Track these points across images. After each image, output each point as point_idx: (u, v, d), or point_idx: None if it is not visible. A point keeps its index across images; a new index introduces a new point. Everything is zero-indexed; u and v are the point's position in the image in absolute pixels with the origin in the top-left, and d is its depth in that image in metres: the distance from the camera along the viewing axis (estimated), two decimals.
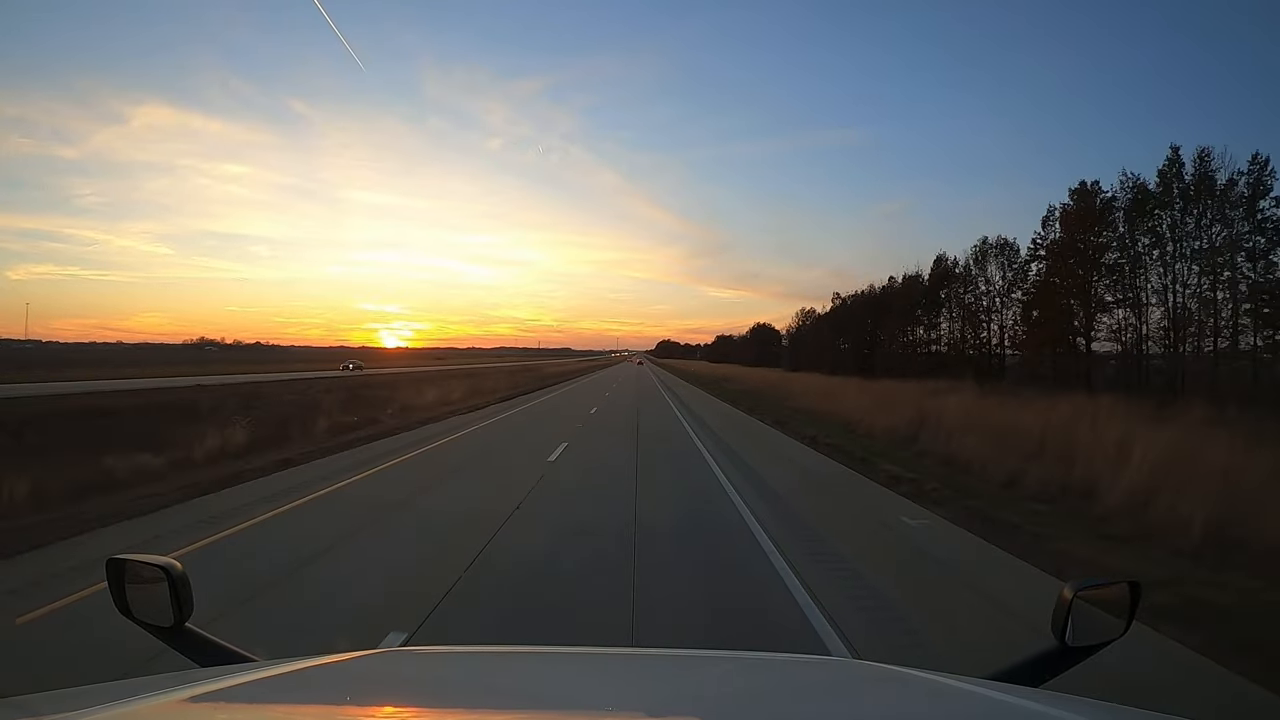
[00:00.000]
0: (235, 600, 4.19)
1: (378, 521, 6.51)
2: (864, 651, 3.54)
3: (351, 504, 7.30)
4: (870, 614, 4.14)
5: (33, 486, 7.05)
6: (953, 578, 5.07)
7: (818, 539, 5.96)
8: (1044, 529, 6.33)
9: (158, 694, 0.96)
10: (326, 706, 1.04)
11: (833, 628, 3.87)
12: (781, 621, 4.01)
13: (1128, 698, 1.21)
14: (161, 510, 6.86)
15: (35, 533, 5.78)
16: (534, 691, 1.18)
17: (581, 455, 11.09)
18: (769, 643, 3.60)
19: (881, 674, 1.40)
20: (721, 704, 1.15)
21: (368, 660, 1.32)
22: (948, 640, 3.79)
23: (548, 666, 1.39)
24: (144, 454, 9.17)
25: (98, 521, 6.24)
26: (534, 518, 6.56)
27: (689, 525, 6.49)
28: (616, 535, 5.83)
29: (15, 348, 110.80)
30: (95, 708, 0.88)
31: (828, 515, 7.02)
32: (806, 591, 4.49)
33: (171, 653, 1.27)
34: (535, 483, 8.39)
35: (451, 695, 1.15)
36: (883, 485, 8.81)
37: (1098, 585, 1.26)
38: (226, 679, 1.05)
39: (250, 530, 6.07)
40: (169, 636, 1.25)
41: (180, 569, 1.24)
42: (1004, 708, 1.04)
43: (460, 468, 10.10)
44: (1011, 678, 1.22)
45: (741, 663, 1.51)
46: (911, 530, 6.46)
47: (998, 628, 4.03)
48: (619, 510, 6.87)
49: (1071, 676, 1.24)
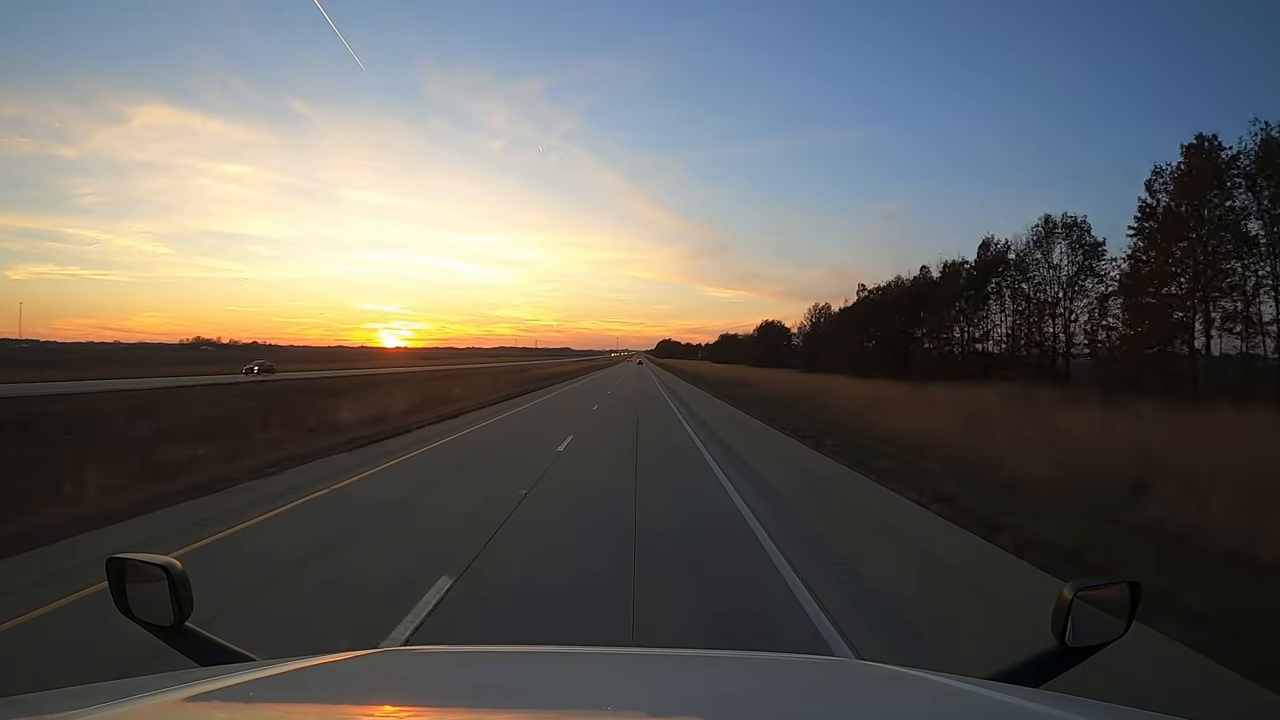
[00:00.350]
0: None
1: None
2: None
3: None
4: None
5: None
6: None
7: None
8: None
9: (157, 693, 0.96)
10: (325, 706, 1.04)
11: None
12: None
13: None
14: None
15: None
16: (534, 691, 1.18)
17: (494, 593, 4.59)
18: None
19: (881, 674, 1.40)
20: (722, 704, 1.15)
21: (366, 660, 1.32)
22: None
23: (547, 666, 1.39)
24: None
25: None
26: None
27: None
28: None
29: (13, 347, 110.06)
30: (95, 707, 0.88)
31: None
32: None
33: (171, 652, 1.27)
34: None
35: (450, 695, 1.15)
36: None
37: (1098, 586, 1.26)
38: (226, 678, 1.05)
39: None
40: (169, 636, 1.25)
41: (180, 568, 1.24)
42: (1004, 708, 1.03)
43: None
44: (1011, 678, 1.22)
45: (742, 663, 1.51)
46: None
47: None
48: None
49: (1071, 677, 1.24)
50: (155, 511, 6.94)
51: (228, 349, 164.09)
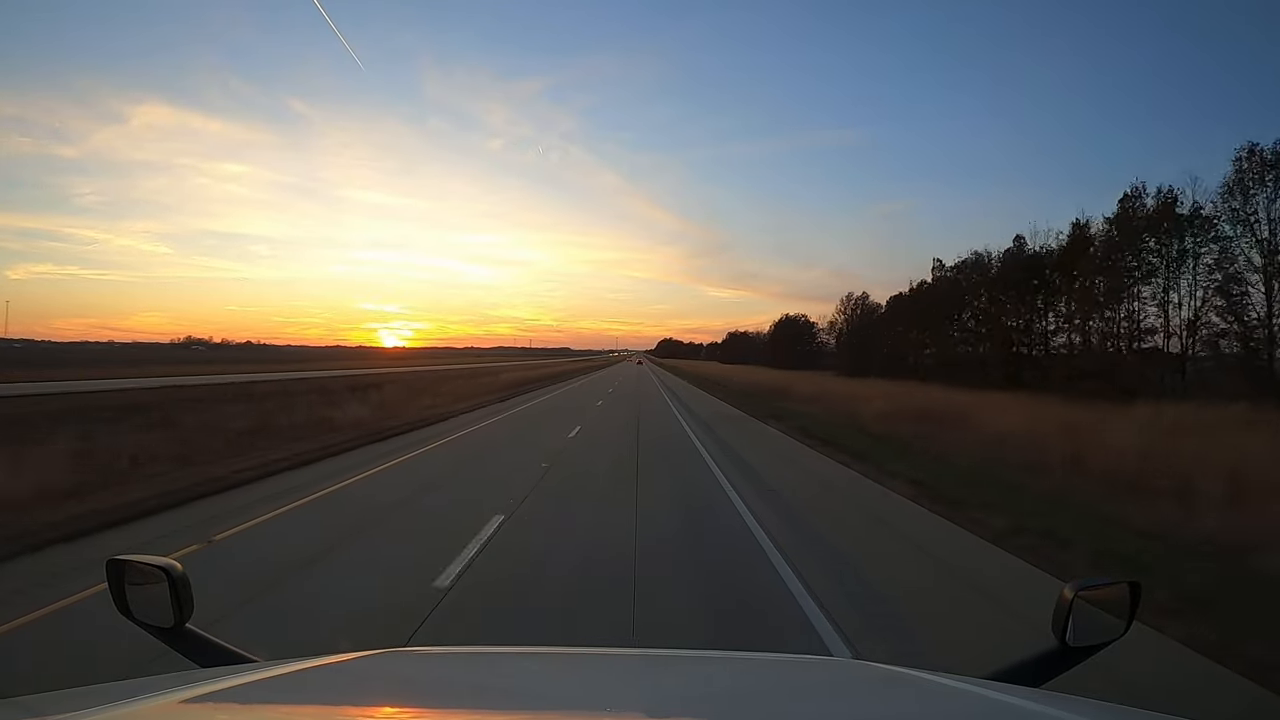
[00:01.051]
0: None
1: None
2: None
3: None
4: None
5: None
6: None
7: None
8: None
9: (158, 694, 0.96)
10: (326, 707, 1.04)
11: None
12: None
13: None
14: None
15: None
16: (534, 691, 1.18)
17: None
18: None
19: (881, 674, 1.40)
20: (722, 704, 1.15)
21: (367, 661, 1.32)
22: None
23: (548, 666, 1.39)
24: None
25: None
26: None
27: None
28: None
29: (4, 346, 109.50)
30: (95, 708, 0.87)
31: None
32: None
33: (172, 653, 1.27)
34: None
35: (451, 695, 1.15)
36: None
37: (1098, 585, 1.26)
38: (226, 679, 1.05)
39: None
40: (169, 637, 1.25)
41: (180, 569, 1.23)
42: (1004, 708, 1.04)
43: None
44: (1012, 678, 1.22)
45: (742, 662, 1.51)
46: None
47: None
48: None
49: (1071, 677, 1.24)
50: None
51: (220, 349, 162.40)
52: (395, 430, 14.20)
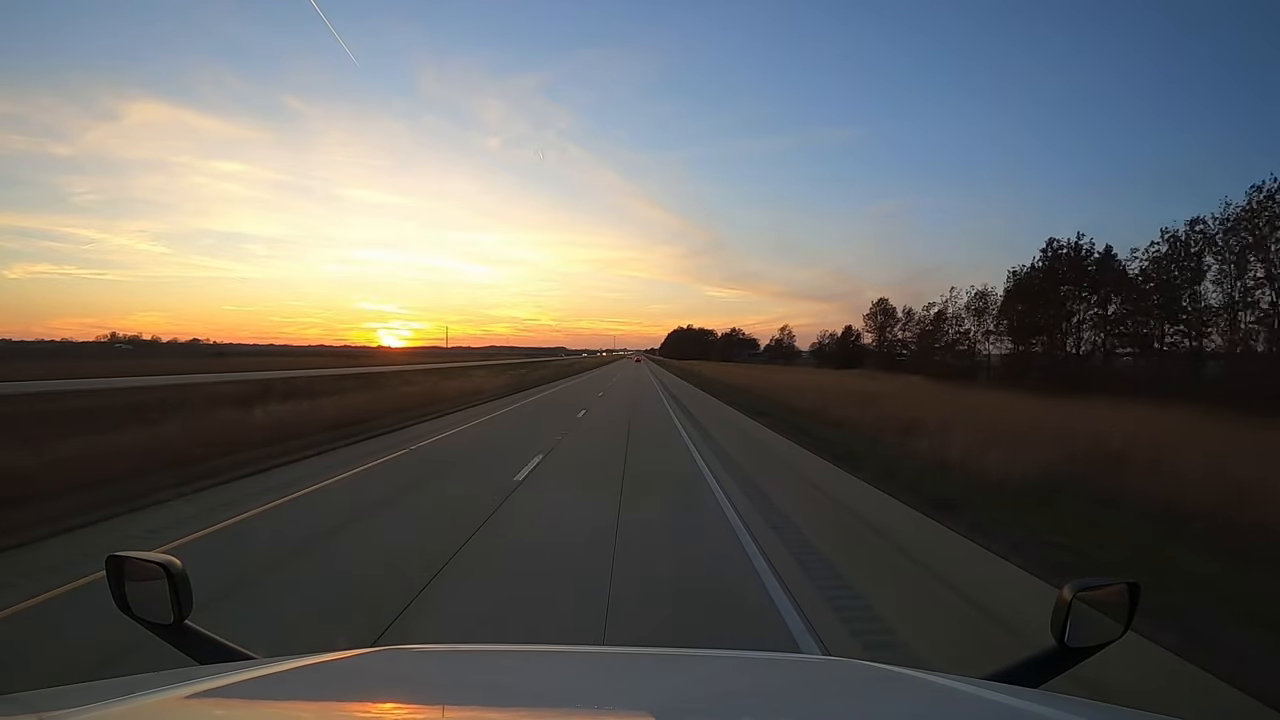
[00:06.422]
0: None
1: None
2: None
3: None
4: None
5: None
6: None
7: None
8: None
9: (157, 691, 0.96)
10: (325, 704, 1.04)
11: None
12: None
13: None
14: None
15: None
16: (534, 690, 1.18)
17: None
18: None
19: (880, 674, 1.40)
20: (722, 703, 1.15)
21: (367, 658, 1.32)
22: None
23: (547, 665, 1.39)
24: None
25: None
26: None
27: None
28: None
29: None
30: (95, 704, 0.87)
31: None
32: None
33: (171, 650, 1.26)
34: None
35: (450, 693, 1.15)
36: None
37: (1096, 586, 1.26)
38: (226, 676, 1.05)
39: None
40: (168, 634, 1.24)
41: (180, 566, 1.23)
42: (1003, 708, 1.04)
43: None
44: (1011, 678, 1.22)
45: (742, 662, 1.51)
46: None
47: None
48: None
49: (1071, 677, 1.24)
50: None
51: (150, 346, 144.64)
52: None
